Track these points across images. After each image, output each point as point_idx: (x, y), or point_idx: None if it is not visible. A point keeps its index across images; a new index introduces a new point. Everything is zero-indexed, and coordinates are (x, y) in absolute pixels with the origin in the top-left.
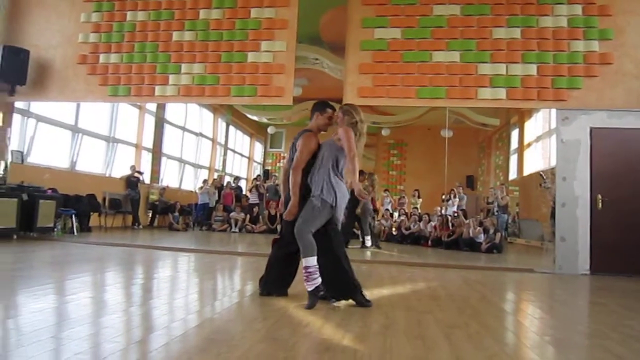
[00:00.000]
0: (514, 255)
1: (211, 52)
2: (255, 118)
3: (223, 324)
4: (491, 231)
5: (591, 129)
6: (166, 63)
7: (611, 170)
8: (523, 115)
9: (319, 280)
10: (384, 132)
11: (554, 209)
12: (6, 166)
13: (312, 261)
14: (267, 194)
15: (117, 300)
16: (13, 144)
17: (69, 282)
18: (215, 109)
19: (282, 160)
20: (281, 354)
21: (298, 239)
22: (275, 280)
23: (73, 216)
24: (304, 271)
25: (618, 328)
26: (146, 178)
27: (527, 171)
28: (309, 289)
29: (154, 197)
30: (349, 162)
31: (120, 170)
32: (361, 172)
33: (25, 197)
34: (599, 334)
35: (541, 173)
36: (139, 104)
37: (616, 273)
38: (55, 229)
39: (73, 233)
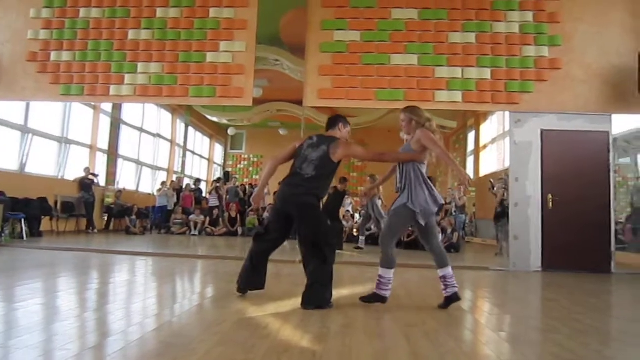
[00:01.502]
0: (471, 254)
1: (168, 51)
2: (215, 119)
3: (181, 328)
4: (449, 231)
5: (542, 131)
6: (122, 62)
7: (561, 171)
8: (479, 118)
9: (387, 293)
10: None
11: (498, 212)
12: None
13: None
14: (227, 196)
15: (70, 306)
16: None
17: (18, 289)
18: (174, 110)
19: (242, 162)
20: (240, 357)
21: (381, 247)
22: (256, 273)
23: (22, 220)
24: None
25: (568, 323)
26: (101, 180)
27: (483, 172)
28: (375, 292)
29: (109, 200)
30: (444, 157)
31: (74, 172)
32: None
33: None
34: (551, 329)
35: (490, 179)
36: (93, 103)
37: (566, 270)
38: (3, 235)
39: (22, 238)
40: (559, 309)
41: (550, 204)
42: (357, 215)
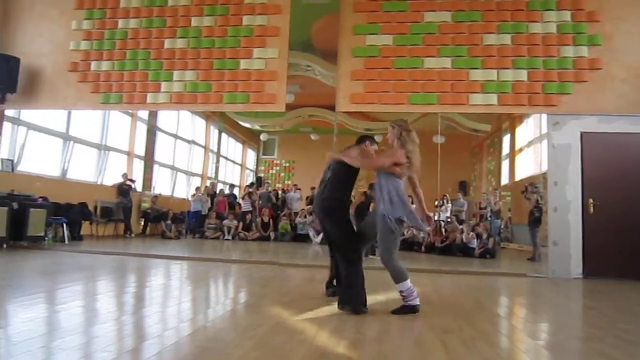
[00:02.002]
0: (507, 260)
1: (203, 59)
2: (247, 125)
3: (216, 332)
4: (484, 236)
5: (582, 134)
6: (158, 70)
7: (602, 175)
8: (514, 121)
9: (416, 301)
10: (377, 139)
11: (536, 217)
12: None
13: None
14: (260, 201)
15: (109, 309)
16: (3, 153)
17: (59, 291)
18: (207, 117)
19: (274, 168)
20: None
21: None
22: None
23: (64, 225)
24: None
25: (612, 331)
26: (138, 186)
27: (518, 176)
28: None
29: (146, 205)
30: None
31: (112, 178)
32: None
33: (15, 205)
34: (593, 337)
35: (527, 184)
36: (130, 111)
37: (608, 277)
38: (46, 238)
39: (64, 242)
40: (601, 317)
41: (592, 208)
42: None
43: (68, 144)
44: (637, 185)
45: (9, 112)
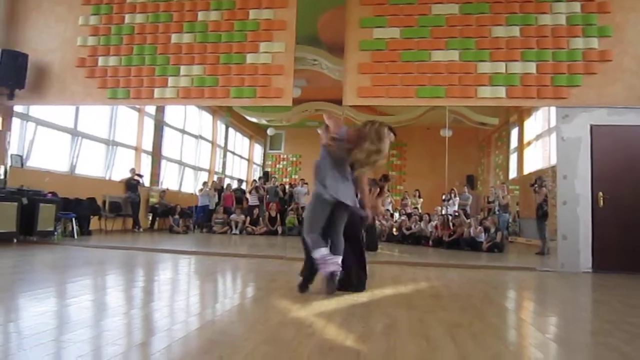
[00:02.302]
0: (515, 254)
1: (210, 53)
2: (254, 120)
3: (225, 326)
4: (492, 230)
5: (591, 127)
6: (165, 65)
7: (612, 168)
8: (522, 114)
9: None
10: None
11: (544, 211)
12: (6, 170)
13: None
14: (267, 196)
15: (118, 303)
16: (12, 148)
17: (69, 285)
18: (214, 111)
19: (281, 162)
20: (285, 355)
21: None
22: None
23: (73, 220)
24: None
25: (622, 326)
26: (146, 181)
27: (527, 170)
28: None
29: (154, 199)
30: None
31: (120, 173)
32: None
33: (25, 201)
34: (603, 332)
35: (536, 178)
36: (138, 106)
37: (618, 270)
38: (56, 233)
39: (73, 236)
40: (611, 311)
41: (601, 202)
42: (396, 215)
43: (76, 139)
44: None
45: (18, 108)
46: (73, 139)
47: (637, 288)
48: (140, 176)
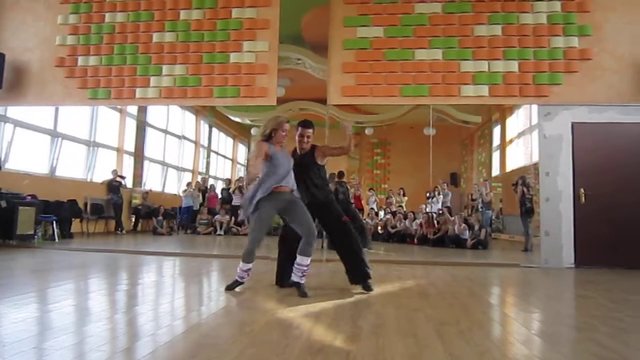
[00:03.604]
0: (499, 251)
1: (192, 53)
2: (238, 119)
3: (211, 329)
4: (476, 227)
5: (573, 124)
6: (147, 65)
7: (593, 165)
8: (504, 112)
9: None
10: (368, 132)
11: (528, 208)
12: None
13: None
14: None
15: (102, 307)
16: None
17: (51, 290)
18: (197, 111)
19: None
20: (273, 357)
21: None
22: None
23: (54, 222)
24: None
25: (606, 321)
26: (128, 182)
27: (509, 167)
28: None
29: (136, 201)
30: None
31: (102, 174)
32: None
33: (3, 204)
34: (588, 327)
35: (518, 178)
36: (119, 107)
37: (600, 266)
38: (36, 236)
39: (54, 240)
40: (595, 306)
41: (583, 198)
42: (381, 213)
43: (56, 140)
44: (627, 174)
45: None
46: (53, 140)
47: (619, 283)
48: (123, 177)
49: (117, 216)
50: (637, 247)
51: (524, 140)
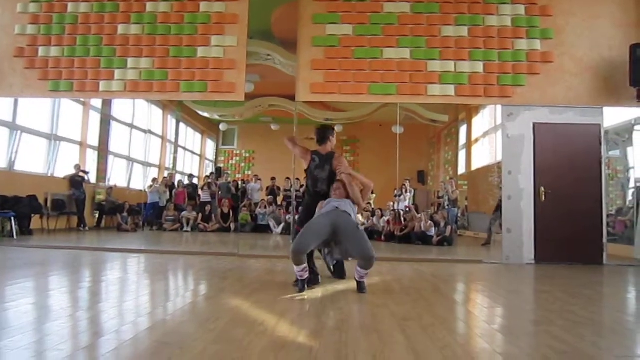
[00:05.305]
0: (464, 248)
1: (159, 46)
2: (206, 115)
3: (175, 326)
4: (442, 225)
5: (534, 124)
6: (111, 57)
7: (553, 164)
8: (471, 112)
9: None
10: (337, 129)
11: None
12: None
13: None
14: (220, 192)
15: (62, 305)
16: None
17: (8, 289)
18: (164, 106)
19: (234, 158)
20: (236, 355)
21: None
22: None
23: (12, 219)
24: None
25: (563, 314)
26: (92, 177)
27: (475, 166)
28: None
29: (100, 197)
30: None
31: (64, 169)
32: None
33: None
34: (545, 320)
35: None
36: (82, 99)
37: (559, 261)
38: None
39: (12, 237)
40: (553, 301)
41: (543, 196)
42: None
43: (15, 133)
44: (585, 173)
45: None
46: (11, 133)
47: (576, 278)
48: (86, 172)
49: (79, 212)
50: (593, 243)
51: (489, 140)
